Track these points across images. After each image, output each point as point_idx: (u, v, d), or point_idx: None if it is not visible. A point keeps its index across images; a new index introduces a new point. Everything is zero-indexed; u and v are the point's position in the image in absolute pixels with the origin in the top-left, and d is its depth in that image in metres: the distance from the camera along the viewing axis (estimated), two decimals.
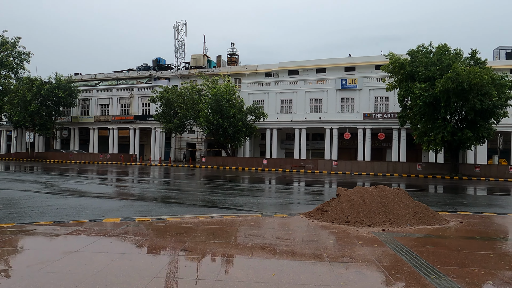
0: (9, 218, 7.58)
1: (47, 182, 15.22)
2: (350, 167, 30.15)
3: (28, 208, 8.86)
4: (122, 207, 9.49)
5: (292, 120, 37.69)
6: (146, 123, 42.60)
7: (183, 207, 9.70)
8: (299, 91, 38.50)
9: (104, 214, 8.34)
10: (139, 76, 50.35)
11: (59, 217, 7.78)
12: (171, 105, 35.30)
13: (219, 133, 34.56)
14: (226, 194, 12.56)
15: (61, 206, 9.24)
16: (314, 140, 40.99)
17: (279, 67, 44.54)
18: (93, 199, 10.69)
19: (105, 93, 45.92)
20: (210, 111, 33.00)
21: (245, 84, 40.78)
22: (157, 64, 52.71)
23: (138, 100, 44.45)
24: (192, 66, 49.01)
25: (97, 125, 44.79)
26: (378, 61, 40.86)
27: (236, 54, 49.54)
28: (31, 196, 10.87)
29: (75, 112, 46.15)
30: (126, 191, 13.06)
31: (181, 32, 53.85)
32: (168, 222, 7.19)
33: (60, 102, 41.51)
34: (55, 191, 12.22)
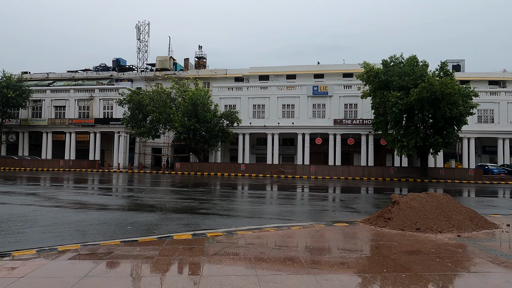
0: (49, 239, 6.55)
1: (38, 193, 13.49)
2: (327, 171, 31.01)
3: (56, 226, 7.75)
4: (160, 220, 8.71)
5: (265, 125, 37.84)
6: (109, 127, 39.93)
7: (225, 219, 9.18)
8: (272, 96, 38.85)
9: (153, 229, 7.59)
10: (98, 77, 47.11)
11: (108, 236, 6.90)
12: (141, 109, 33.51)
13: (195, 138, 33.55)
14: (250, 203, 12.23)
15: (93, 222, 8.23)
16: (284, 145, 41.56)
17: (249, 72, 44.55)
18: (117, 212, 9.69)
19: (61, 94, 42.24)
20: (186, 116, 31.94)
21: (216, 89, 40.15)
22: (117, 65, 49.81)
23: (100, 103, 41.56)
24: (158, 68, 47.09)
25: (51, 129, 40.95)
26: (346, 69, 42.83)
27: (204, 57, 48.62)
28: (42, 211, 9.54)
29: (24, 114, 41.79)
30: (140, 202, 12.00)
31: (143, 33, 51.56)
32: (245, 236, 6.74)
33: (8, 103, 37.34)
34: (61, 204, 10.86)
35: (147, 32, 51.50)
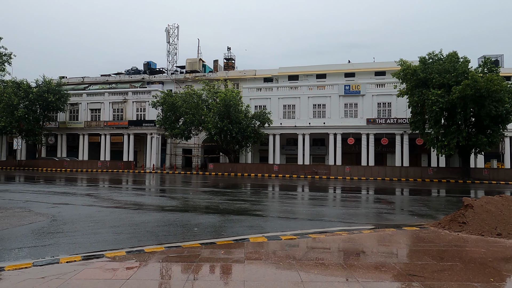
0: (127, 240, 6.68)
1: (92, 194, 13.96)
2: (362, 172, 30.40)
3: (126, 227, 7.92)
4: (222, 222, 8.74)
5: (295, 126, 37.55)
6: (141, 128, 40.86)
7: (286, 221, 9.13)
8: (302, 96, 38.54)
9: (220, 231, 7.61)
10: (131, 80, 48.37)
11: (180, 237, 6.98)
12: (174, 110, 34.07)
13: (227, 139, 33.80)
14: (301, 204, 12.15)
15: (158, 223, 8.36)
16: (315, 145, 41.14)
17: (278, 72, 44.42)
18: (176, 213, 9.81)
19: (96, 98, 43.68)
20: (218, 117, 32.21)
21: (246, 89, 40.24)
22: (148, 68, 50.93)
23: (133, 105, 42.65)
24: (188, 70, 47.78)
25: (88, 131, 42.38)
26: (378, 67, 41.88)
27: (233, 59, 48.91)
28: (105, 212, 9.80)
29: (63, 117, 43.47)
30: (192, 203, 12.14)
31: (173, 36, 52.50)
32: (319, 239, 6.63)
33: (48, 107, 38.95)
34: (119, 205, 11.15)
35: (177, 35, 52.43)
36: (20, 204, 10.86)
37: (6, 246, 6.22)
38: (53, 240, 6.71)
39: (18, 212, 9.40)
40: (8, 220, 8.39)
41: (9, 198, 12.04)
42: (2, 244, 6.30)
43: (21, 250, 6.01)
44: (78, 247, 6.26)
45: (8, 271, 4.67)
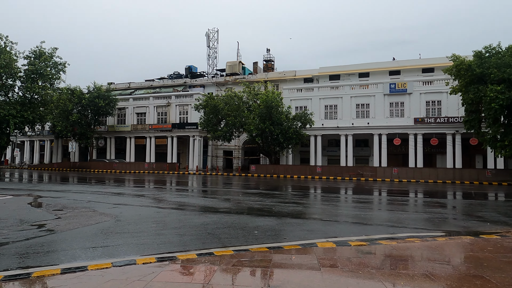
0: (192, 242, 6.69)
1: (146, 195, 14.43)
2: (411, 174, 28.96)
3: (187, 229, 7.98)
4: (279, 225, 8.57)
5: (338, 126, 36.66)
6: (184, 131, 41.95)
7: (346, 225, 8.76)
8: (344, 96, 37.56)
9: (281, 235, 7.44)
10: (173, 84, 49.93)
11: (243, 240, 6.89)
12: (216, 113, 34.59)
13: (267, 140, 33.75)
14: (356, 208, 11.67)
15: (217, 225, 8.35)
16: (358, 146, 39.91)
17: (319, 72, 43.69)
18: (232, 215, 9.79)
19: (142, 102, 45.55)
20: (260, 118, 32.24)
21: (286, 90, 39.94)
22: (189, 72, 52.30)
23: (176, 108, 43.94)
24: (228, 73, 48.43)
25: (134, 134, 44.28)
26: (425, 64, 39.84)
27: (272, 60, 48.87)
28: (163, 213, 10.03)
29: (111, 121, 45.78)
30: (244, 205, 12.10)
31: (213, 40, 53.50)
32: (392, 246, 6.23)
33: (99, 112, 41.15)
34: (174, 206, 11.38)
35: (216, 39, 53.36)
36: (84, 204, 11.40)
37: (82, 245, 6.47)
38: (122, 240, 6.89)
39: (84, 212, 9.85)
40: (77, 220, 8.79)
41: (73, 198, 12.72)
42: (77, 243, 6.56)
43: (96, 249, 6.21)
44: (146, 248, 6.36)
45: (91, 270, 4.80)
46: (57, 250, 6.04)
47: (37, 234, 7.24)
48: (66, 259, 5.56)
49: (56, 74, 44.85)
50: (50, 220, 8.74)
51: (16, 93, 44.03)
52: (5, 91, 42.59)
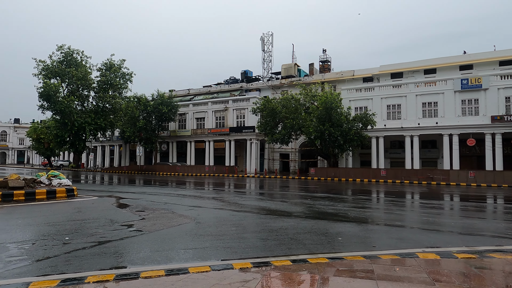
0: (277, 247, 6.53)
1: (217, 198, 14.76)
2: (491, 178, 26.24)
3: (268, 233, 7.87)
4: (362, 231, 8.10)
5: (402, 127, 34.55)
6: (241, 134, 42.61)
7: (439, 234, 8.01)
8: (409, 95, 35.34)
9: (367, 242, 6.98)
10: (230, 89, 51.11)
11: (329, 247, 6.56)
12: (274, 116, 34.56)
13: (325, 143, 32.90)
14: (443, 215, 10.73)
15: (297, 230, 8.13)
16: (424, 147, 37.31)
17: (379, 71, 41.74)
18: (309, 220, 9.52)
19: (201, 107, 47.21)
20: (318, 120, 31.57)
21: (345, 91, 38.67)
22: (245, 77, 53.17)
23: (233, 112, 44.83)
24: (283, 76, 48.35)
25: (194, 138, 46.00)
26: (503, 56, 36.08)
27: (329, 61, 47.82)
28: (238, 216, 10.07)
29: (173, 126, 48.09)
30: (317, 209, 11.74)
31: (267, 43, 53.85)
32: None
33: (162, 117, 43.45)
34: (247, 209, 11.42)
35: (271, 43, 53.61)
36: (161, 206, 11.90)
37: (172, 246, 6.65)
38: (208, 243, 6.96)
39: (164, 214, 10.24)
40: (160, 221, 9.14)
41: (151, 200, 13.37)
42: (168, 244, 6.76)
43: (186, 251, 6.32)
44: (233, 251, 6.33)
45: (192, 273, 4.83)
46: (152, 251, 6.25)
47: (128, 234, 7.61)
48: (163, 260, 5.71)
49: (124, 83, 48.43)
50: (136, 220, 9.19)
51: (90, 103, 48.33)
52: (81, 101, 46.92)
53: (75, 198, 13.20)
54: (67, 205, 11.73)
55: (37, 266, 5.34)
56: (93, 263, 5.48)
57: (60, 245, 6.55)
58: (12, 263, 5.44)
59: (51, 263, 5.47)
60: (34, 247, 6.44)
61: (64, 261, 5.55)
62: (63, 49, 45.24)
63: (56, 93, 42.01)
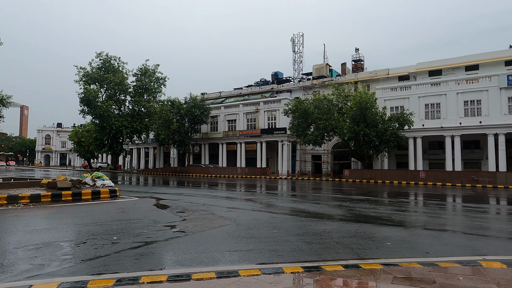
0: (323, 251, 6.31)
1: (252, 199, 14.74)
2: None
3: (310, 236, 7.67)
4: (411, 236, 7.70)
5: (442, 127, 32.99)
6: (273, 136, 42.50)
7: (502, 241, 7.44)
8: (449, 93, 33.71)
9: (420, 249, 6.58)
10: (261, 91, 51.19)
11: (382, 252, 6.26)
12: (306, 117, 34.14)
13: (360, 143, 32.03)
14: (498, 220, 10.01)
15: (341, 234, 7.86)
16: (466, 148, 35.42)
17: (416, 69, 40.18)
18: (350, 224, 9.21)
19: (232, 109, 47.62)
20: (352, 121, 30.83)
21: (379, 90, 37.53)
22: (275, 78, 53.05)
23: (264, 114, 44.85)
24: (314, 77, 47.76)
25: (226, 140, 46.47)
26: None
27: (362, 60, 46.66)
28: (278, 218, 9.95)
29: (205, 128, 48.86)
30: (357, 212, 11.34)
31: (298, 44, 53.46)
32: None
33: (194, 120, 44.27)
34: (285, 211, 11.27)
35: (302, 43, 53.19)
36: (200, 207, 12.00)
37: (216, 247, 6.62)
38: (252, 245, 6.88)
39: (204, 215, 10.30)
40: (201, 222, 9.19)
41: (189, 201, 13.54)
42: (212, 246, 6.74)
43: (231, 253, 6.26)
44: (279, 254, 6.20)
45: (243, 277, 4.75)
46: (198, 252, 6.25)
47: (172, 235, 7.69)
48: (210, 261, 5.68)
49: (158, 87, 49.85)
50: (178, 221, 9.30)
51: (126, 107, 50.15)
52: (118, 105, 48.77)
53: (117, 198, 13.64)
54: (110, 205, 12.14)
55: (91, 264, 5.49)
56: (143, 263, 5.55)
57: (110, 245, 6.72)
58: (67, 261, 5.63)
59: (103, 262, 5.59)
60: (85, 246, 6.64)
61: (115, 261, 5.67)
62: (101, 56, 47.34)
63: (96, 98, 44.00)
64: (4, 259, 5.72)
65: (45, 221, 9.31)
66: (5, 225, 8.69)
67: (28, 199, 11.78)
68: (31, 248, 6.48)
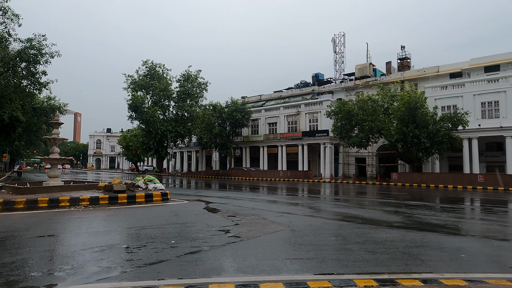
0: (390, 261, 5.86)
1: (300, 203, 14.45)
2: None
3: (372, 245, 7.21)
4: (489, 248, 6.97)
5: (501, 126, 30.46)
6: (315, 138, 41.74)
7: None
8: (509, 89, 31.08)
9: (503, 262, 5.90)
10: (301, 93, 50.64)
11: (456, 266, 5.69)
12: (351, 119, 33.10)
13: (409, 146, 30.41)
14: None
15: (405, 243, 7.31)
16: None
17: (470, 65, 37.56)
18: (412, 232, 8.61)
19: (272, 112, 47.51)
20: (400, 122, 29.38)
21: (429, 89, 35.45)
22: (316, 80, 52.22)
23: (305, 116, 44.23)
24: (357, 77, 46.35)
25: (266, 143, 46.39)
26: None
27: (408, 57, 44.52)
28: (333, 224, 9.57)
29: (245, 132, 49.16)
30: (417, 219, 10.61)
31: (339, 44, 52.24)
32: None
33: (236, 124, 44.68)
34: (337, 217, 10.84)
35: (343, 43, 51.90)
36: (250, 211, 11.91)
37: (276, 255, 6.41)
38: (311, 253, 6.59)
39: (256, 220, 10.16)
40: (254, 227, 9.05)
41: (238, 205, 13.51)
42: (271, 253, 6.55)
43: (292, 261, 6.03)
44: (343, 264, 5.86)
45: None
46: (258, 259, 6.09)
47: (228, 240, 7.61)
48: (272, 270, 5.47)
49: (200, 92, 51.05)
50: (231, 226, 9.24)
51: (171, 112, 51.87)
52: (163, 110, 50.59)
53: (168, 201, 13.95)
54: (163, 208, 12.42)
55: (154, 269, 5.51)
56: (205, 269, 5.48)
57: (169, 249, 6.76)
58: (132, 265, 5.71)
59: (166, 267, 5.60)
60: (146, 250, 6.74)
61: (177, 266, 5.66)
62: (147, 64, 49.47)
63: (142, 104, 45.99)
64: (74, 261, 5.94)
65: (106, 223, 9.68)
66: (70, 226, 9.15)
67: (88, 201, 12.39)
68: (96, 250, 6.69)
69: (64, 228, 8.94)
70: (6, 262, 5.81)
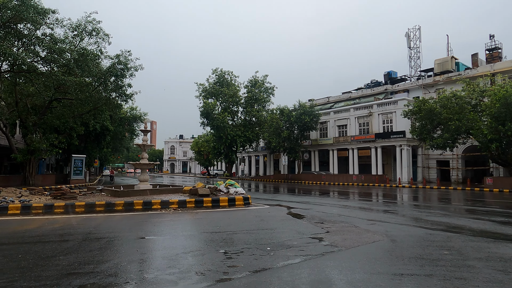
0: None
1: (390, 211, 13.47)
2: None
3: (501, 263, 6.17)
4: None
5: None
6: (389, 140, 39.20)
7: None
8: None
9: None
10: (373, 93, 48.14)
11: None
12: (432, 118, 30.31)
13: (502, 146, 26.80)
14: None
15: None
16: None
17: None
18: None
19: (342, 114, 45.90)
20: (494, 120, 26.04)
21: None
22: (388, 78, 49.21)
23: (378, 117, 41.87)
24: (436, 72, 42.55)
25: (336, 146, 44.89)
26: None
27: (499, 47, 39.60)
28: (439, 235, 8.60)
29: (314, 135, 48.20)
30: None
31: (414, 39, 48.62)
32: None
33: (304, 127, 44.02)
34: (440, 227, 9.72)
35: (418, 38, 48.19)
36: (336, 218, 11.33)
37: (385, 269, 5.83)
38: (428, 268, 5.87)
39: (347, 227, 9.58)
40: (348, 236, 8.50)
41: (321, 211, 13.01)
42: (379, 266, 5.98)
43: (409, 278, 5.40)
44: (472, 285, 5.09)
45: None
46: (366, 272, 5.58)
47: (325, 249, 7.20)
48: (387, 286, 4.94)
49: (267, 97, 51.45)
50: (322, 233, 8.81)
51: (239, 117, 53.15)
52: (232, 116, 52.04)
53: (250, 206, 14.00)
54: (247, 212, 12.45)
55: (260, 277, 5.34)
56: (312, 280, 5.15)
57: (267, 256, 6.58)
58: (238, 271, 5.61)
59: (271, 276, 5.40)
60: (244, 256, 6.64)
61: (285, 275, 5.42)
62: (216, 72, 51.44)
63: (213, 111, 47.85)
64: (179, 264, 6.05)
65: (197, 227, 9.93)
66: (166, 229, 9.56)
67: (177, 205, 12.96)
68: (197, 254, 6.78)
69: (161, 230, 9.36)
70: (118, 262, 6.13)
